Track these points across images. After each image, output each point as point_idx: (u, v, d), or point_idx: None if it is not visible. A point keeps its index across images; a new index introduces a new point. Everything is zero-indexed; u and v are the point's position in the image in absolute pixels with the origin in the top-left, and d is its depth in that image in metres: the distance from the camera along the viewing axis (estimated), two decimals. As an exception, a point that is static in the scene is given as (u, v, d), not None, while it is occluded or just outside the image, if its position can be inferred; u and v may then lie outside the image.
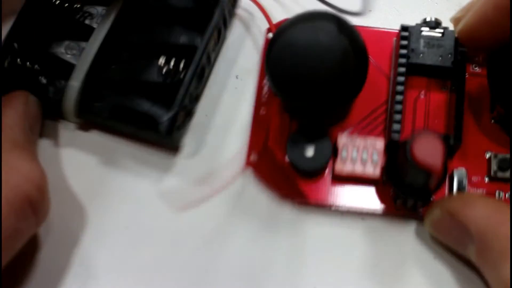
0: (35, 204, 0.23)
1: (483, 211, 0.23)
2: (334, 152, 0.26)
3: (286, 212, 0.27)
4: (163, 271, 0.26)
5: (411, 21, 0.28)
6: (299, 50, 0.24)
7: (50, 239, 0.26)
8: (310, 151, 0.26)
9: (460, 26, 0.26)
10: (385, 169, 0.26)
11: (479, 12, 0.24)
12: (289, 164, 0.27)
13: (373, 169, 0.26)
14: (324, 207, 0.27)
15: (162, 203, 0.27)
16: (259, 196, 0.27)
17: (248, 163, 0.27)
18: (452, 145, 0.26)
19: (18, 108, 0.26)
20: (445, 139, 0.26)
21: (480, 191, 0.27)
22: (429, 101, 0.28)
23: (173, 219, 0.27)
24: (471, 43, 0.26)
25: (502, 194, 0.27)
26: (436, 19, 0.28)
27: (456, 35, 0.27)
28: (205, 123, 0.28)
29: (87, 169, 0.28)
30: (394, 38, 0.28)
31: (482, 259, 0.23)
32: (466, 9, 0.26)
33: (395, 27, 0.28)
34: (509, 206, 0.24)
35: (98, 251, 0.26)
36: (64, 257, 0.26)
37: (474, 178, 0.27)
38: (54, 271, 0.26)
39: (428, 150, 0.23)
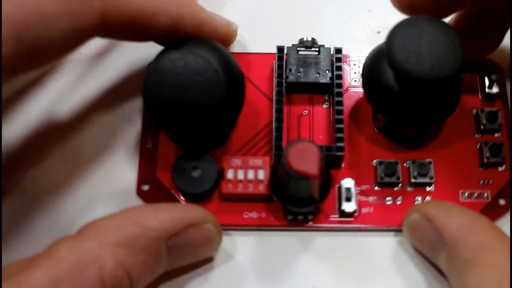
0: None
1: (458, 220, 0.23)
2: (222, 175, 0.26)
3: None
4: None
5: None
6: (168, 77, 0.24)
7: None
8: (196, 175, 0.26)
9: None
10: (270, 184, 0.26)
11: None
12: (177, 190, 0.27)
13: (259, 186, 0.26)
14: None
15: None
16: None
17: (139, 193, 0.27)
18: (337, 156, 0.27)
19: (164, 220, 0.23)
20: (328, 149, 0.26)
21: (370, 198, 0.27)
22: (313, 117, 0.28)
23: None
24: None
25: (391, 199, 0.27)
26: (312, 38, 0.29)
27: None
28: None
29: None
30: (274, 61, 0.29)
31: (451, 267, 0.23)
32: None
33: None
34: (484, 218, 0.24)
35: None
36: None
37: (363, 187, 0.27)
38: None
39: (303, 156, 0.23)
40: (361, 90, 0.29)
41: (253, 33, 0.31)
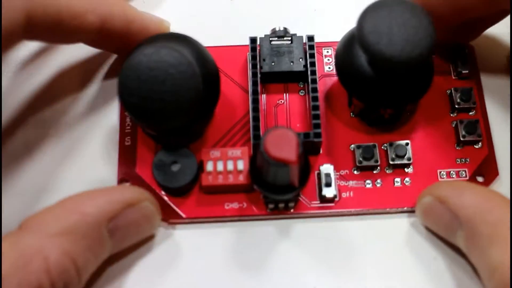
0: None
1: (472, 199, 0.24)
2: (201, 168, 0.26)
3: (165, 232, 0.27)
4: None
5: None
6: (143, 72, 0.24)
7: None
8: (175, 170, 0.26)
9: None
10: (250, 173, 0.26)
11: None
12: (158, 185, 0.27)
13: (239, 177, 0.26)
14: (199, 221, 0.27)
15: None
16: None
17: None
18: (315, 142, 0.27)
19: (101, 205, 0.23)
20: (306, 136, 0.27)
21: (350, 183, 0.27)
22: (289, 105, 0.28)
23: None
24: None
25: (371, 183, 0.27)
26: (285, 28, 0.29)
27: None
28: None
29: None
30: (248, 52, 0.29)
31: (471, 245, 0.23)
32: None
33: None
34: (497, 194, 0.24)
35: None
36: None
37: (343, 172, 0.27)
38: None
39: (280, 143, 0.23)
40: (335, 77, 0.29)
41: (228, 26, 0.31)
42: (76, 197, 0.23)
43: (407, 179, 0.27)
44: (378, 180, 0.27)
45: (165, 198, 0.27)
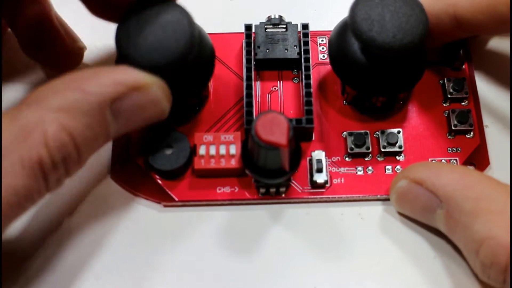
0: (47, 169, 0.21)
1: (450, 177, 0.24)
2: (194, 152, 0.27)
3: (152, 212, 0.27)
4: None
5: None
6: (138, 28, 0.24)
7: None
8: (169, 153, 0.27)
9: None
10: (241, 158, 0.26)
11: None
12: (152, 169, 0.27)
13: (231, 161, 0.26)
14: (191, 204, 0.27)
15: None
16: (125, 202, 0.27)
17: (113, 174, 0.27)
18: (307, 128, 0.27)
19: (105, 84, 0.22)
20: (298, 122, 0.27)
21: (341, 169, 0.27)
22: (283, 92, 0.29)
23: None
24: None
25: (362, 170, 0.27)
26: (280, 16, 0.29)
27: None
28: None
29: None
30: (243, 40, 0.29)
31: (452, 223, 0.23)
32: None
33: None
34: (474, 170, 0.25)
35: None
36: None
37: (334, 158, 0.28)
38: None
39: (271, 126, 0.24)
40: (329, 66, 0.29)
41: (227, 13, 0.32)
42: (78, 74, 0.22)
43: (398, 166, 0.27)
44: (370, 167, 0.27)
45: (158, 181, 0.27)
